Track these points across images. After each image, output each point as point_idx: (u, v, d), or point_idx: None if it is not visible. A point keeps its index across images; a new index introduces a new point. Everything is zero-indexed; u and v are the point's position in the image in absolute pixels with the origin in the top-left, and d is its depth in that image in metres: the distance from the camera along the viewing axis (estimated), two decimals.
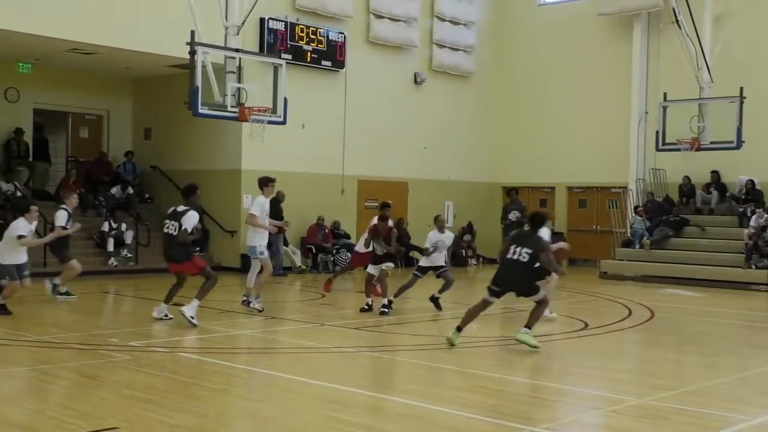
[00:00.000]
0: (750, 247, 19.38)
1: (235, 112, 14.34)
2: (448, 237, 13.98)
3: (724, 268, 19.59)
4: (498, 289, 10.32)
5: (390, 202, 15.06)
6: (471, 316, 10.50)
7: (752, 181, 21.22)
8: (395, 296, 13.60)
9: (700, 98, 19.97)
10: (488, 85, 25.81)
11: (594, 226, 24.29)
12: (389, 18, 23.07)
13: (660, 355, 10.79)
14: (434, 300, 13.93)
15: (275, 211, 18.94)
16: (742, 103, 19.28)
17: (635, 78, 23.43)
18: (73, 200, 14.38)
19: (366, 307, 13.24)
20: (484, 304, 10.46)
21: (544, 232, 10.67)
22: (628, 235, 22.35)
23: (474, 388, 8.32)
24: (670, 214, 21.80)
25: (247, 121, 14.51)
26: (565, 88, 24.76)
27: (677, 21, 19.86)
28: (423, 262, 13.96)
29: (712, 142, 19.72)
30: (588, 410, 7.79)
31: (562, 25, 24.99)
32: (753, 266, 19.19)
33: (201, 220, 11.63)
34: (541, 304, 10.40)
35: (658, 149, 20.68)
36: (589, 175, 24.26)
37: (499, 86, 25.93)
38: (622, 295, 16.52)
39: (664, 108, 20.28)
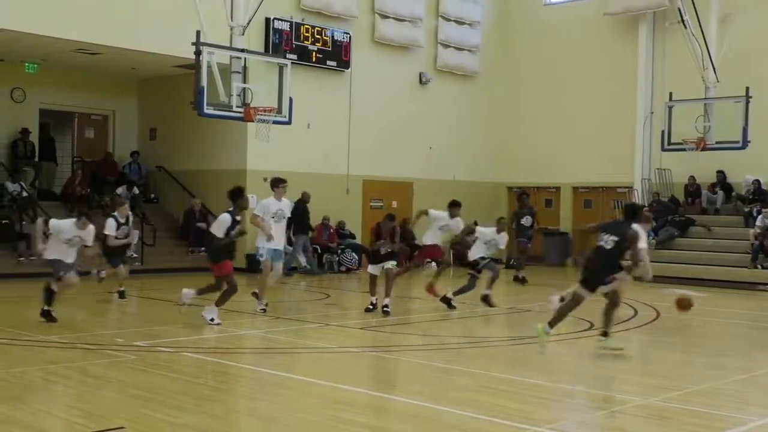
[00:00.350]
0: (756, 247, 19.34)
1: (240, 112, 14.37)
2: (503, 240, 14.28)
3: (730, 268, 19.55)
4: (582, 276, 10.06)
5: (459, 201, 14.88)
6: (562, 313, 10.21)
7: (758, 181, 21.18)
8: (455, 293, 13.95)
9: (705, 98, 19.94)
10: (493, 84, 25.80)
11: None
12: (394, 18, 23.08)
13: (666, 356, 10.77)
14: (446, 300, 13.95)
15: (300, 212, 19.15)
16: (747, 102, 19.25)
17: (641, 78, 23.41)
18: (124, 210, 14.44)
19: (370, 307, 13.24)
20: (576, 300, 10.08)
21: (638, 227, 9.97)
22: None
23: (480, 388, 8.31)
24: (675, 214, 21.77)
25: (253, 121, 14.54)
26: (570, 87, 24.75)
27: (683, 21, 19.84)
28: (479, 255, 14.02)
29: (717, 142, 19.71)
30: (593, 410, 7.78)
31: (568, 25, 24.98)
32: (759, 266, 19.16)
33: (234, 225, 11.62)
34: (612, 304, 10.11)
35: (663, 149, 20.67)
36: (594, 175, 24.24)
37: (504, 86, 25.92)
38: (627, 295, 16.46)
39: (670, 108, 20.27)
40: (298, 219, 19.30)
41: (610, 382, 8.99)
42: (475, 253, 14.11)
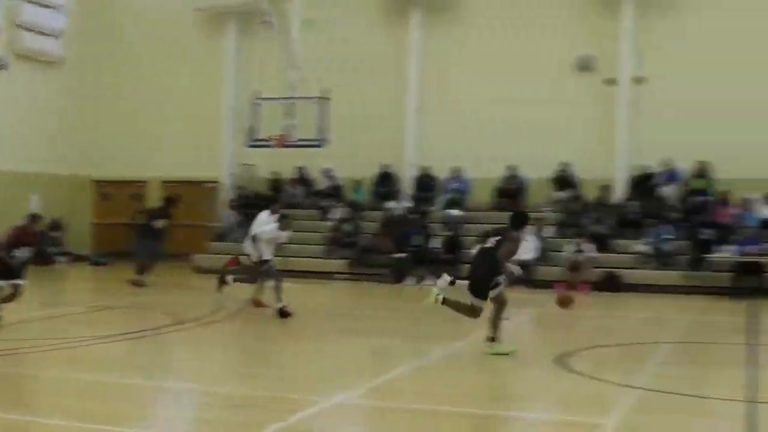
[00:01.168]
0: (330, 239, 20.94)
1: None
2: (285, 236, 14.27)
3: (310, 259, 20.87)
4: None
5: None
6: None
7: (333, 177, 22.87)
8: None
9: (287, 97, 20.89)
10: (81, 73, 24.76)
11: (187, 221, 24.41)
12: None
13: (250, 345, 11.23)
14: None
15: None
16: (325, 104, 20.52)
17: (228, 75, 24.08)
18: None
19: None
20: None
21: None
22: (221, 228, 22.87)
23: (64, 392, 8.03)
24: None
25: None
26: (161, 80, 24.60)
27: (267, 22, 20.65)
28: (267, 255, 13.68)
29: (300, 140, 20.80)
30: (182, 404, 7.91)
31: (159, 17, 24.79)
32: (333, 257, 20.71)
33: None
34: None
35: (248, 145, 21.36)
36: (183, 169, 24.32)
37: (93, 75, 24.99)
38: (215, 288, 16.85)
39: (256, 105, 20.99)
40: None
41: (197, 374, 9.15)
42: (264, 253, 13.71)
